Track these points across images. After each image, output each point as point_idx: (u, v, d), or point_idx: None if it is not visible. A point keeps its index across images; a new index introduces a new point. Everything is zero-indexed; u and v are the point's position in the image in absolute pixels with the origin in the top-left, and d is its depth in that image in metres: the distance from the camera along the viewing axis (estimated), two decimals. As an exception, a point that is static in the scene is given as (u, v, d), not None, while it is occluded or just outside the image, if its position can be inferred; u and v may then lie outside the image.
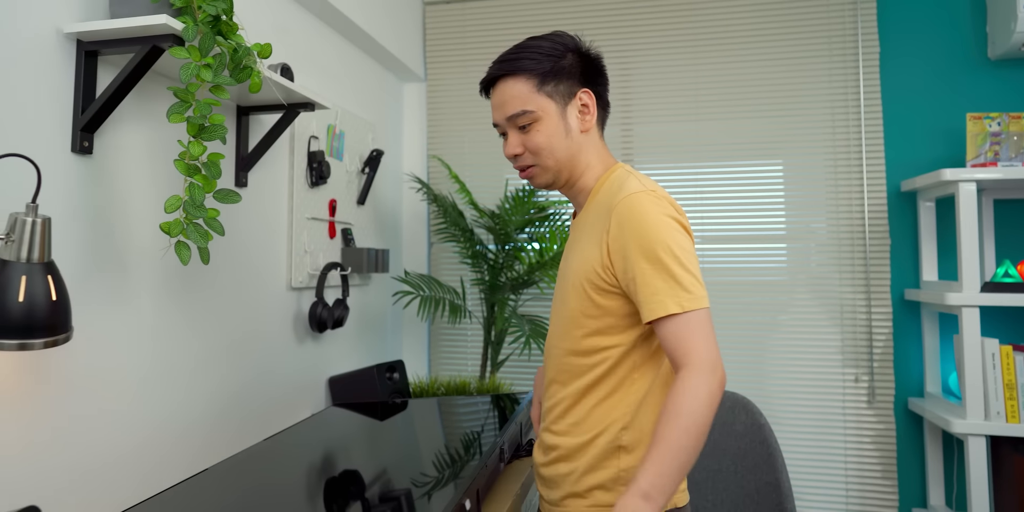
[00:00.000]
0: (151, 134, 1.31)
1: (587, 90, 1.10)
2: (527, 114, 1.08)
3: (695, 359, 0.92)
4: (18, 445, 1.02)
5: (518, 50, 1.10)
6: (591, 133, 1.12)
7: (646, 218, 0.97)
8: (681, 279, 0.94)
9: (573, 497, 1.05)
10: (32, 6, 1.06)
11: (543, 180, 1.13)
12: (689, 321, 0.93)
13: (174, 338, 1.36)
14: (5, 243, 0.85)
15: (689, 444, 0.88)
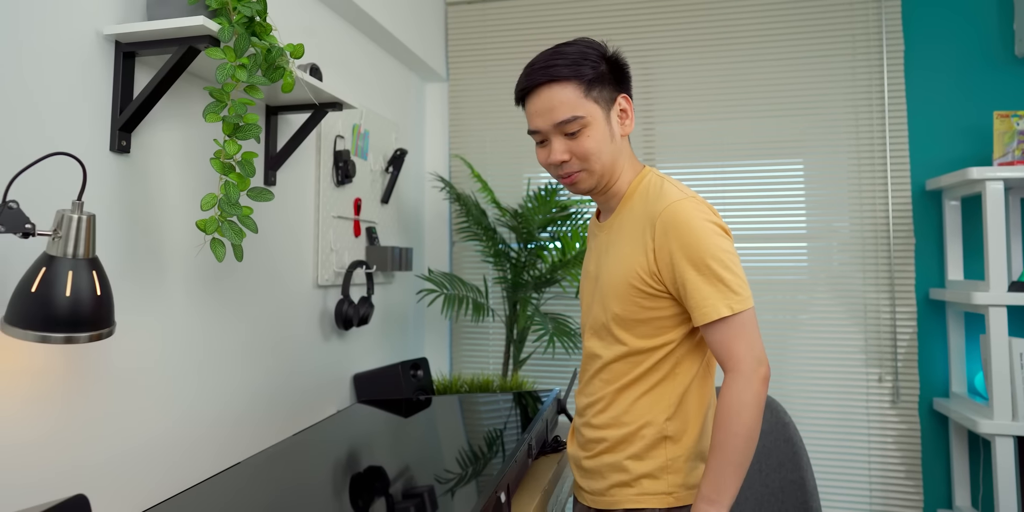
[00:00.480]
0: (184, 133, 1.34)
1: (625, 95, 1.13)
2: (578, 120, 1.07)
3: (740, 364, 0.98)
4: (61, 436, 1.04)
5: (558, 56, 1.09)
6: (626, 138, 1.15)
7: (691, 226, 1.02)
8: (729, 282, 1.00)
9: (620, 486, 1.08)
10: (73, 9, 1.09)
11: (587, 185, 1.13)
12: (734, 323, 0.99)
13: (205, 334, 1.38)
14: (52, 239, 0.87)
15: (740, 445, 0.96)
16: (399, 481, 1.16)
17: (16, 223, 0.83)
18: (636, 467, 1.07)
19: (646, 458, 1.07)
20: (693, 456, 1.07)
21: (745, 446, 0.96)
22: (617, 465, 1.09)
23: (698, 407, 1.08)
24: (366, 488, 1.13)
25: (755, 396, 0.97)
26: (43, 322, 0.85)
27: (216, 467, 1.40)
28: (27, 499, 0.98)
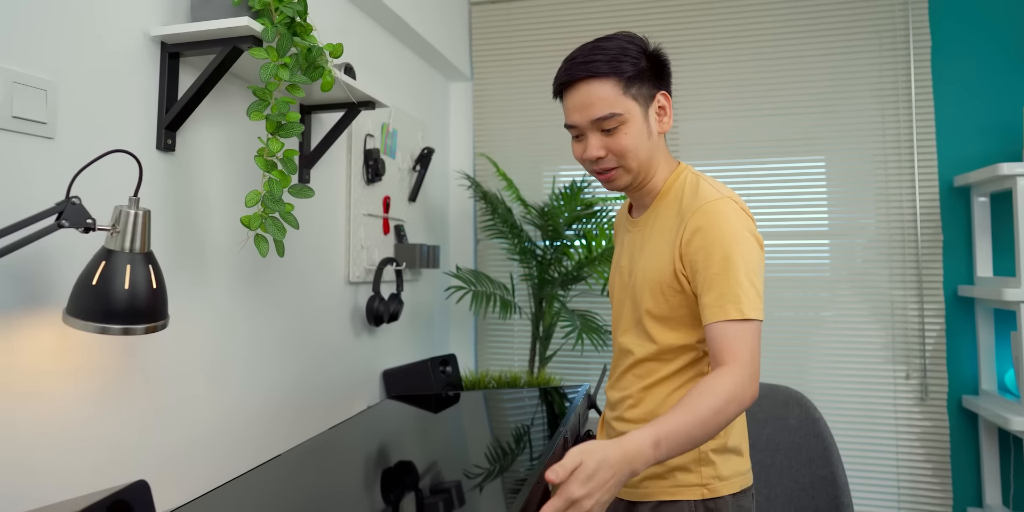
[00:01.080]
0: (223, 132, 1.37)
1: (664, 92, 1.11)
2: (615, 117, 1.06)
3: (745, 361, 0.94)
4: (112, 425, 1.07)
5: (598, 51, 1.08)
6: (662, 135, 1.13)
7: (727, 226, 1.00)
8: (747, 290, 0.97)
9: (654, 478, 1.09)
10: (121, 11, 1.12)
11: (623, 182, 1.13)
12: (747, 327, 0.96)
13: (244, 329, 1.41)
14: (111, 234, 0.90)
15: (710, 424, 0.88)
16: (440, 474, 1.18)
17: (79, 218, 0.86)
18: (670, 460, 1.07)
19: None
20: (725, 449, 1.08)
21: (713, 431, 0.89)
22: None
23: None
24: (408, 482, 1.15)
25: (749, 398, 0.92)
26: (103, 314, 0.88)
27: (256, 459, 1.43)
28: (82, 484, 1.01)
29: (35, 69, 0.96)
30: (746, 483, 1.10)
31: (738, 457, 1.09)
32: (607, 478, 0.78)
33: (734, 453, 1.09)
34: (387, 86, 2.14)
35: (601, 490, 0.78)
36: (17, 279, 0.92)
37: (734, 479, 1.07)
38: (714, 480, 1.07)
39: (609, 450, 0.79)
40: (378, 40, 2.09)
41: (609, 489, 0.78)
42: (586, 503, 0.76)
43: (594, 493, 0.77)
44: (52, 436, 0.97)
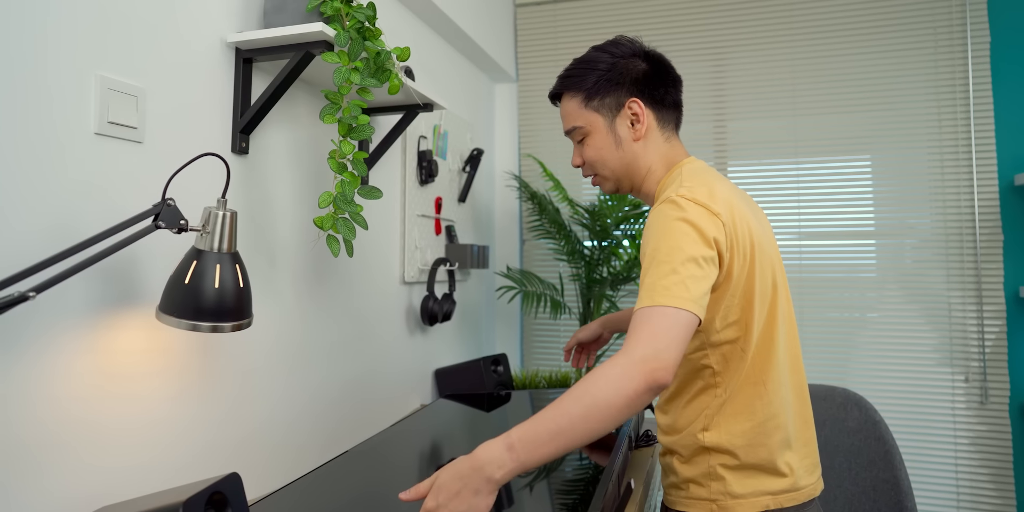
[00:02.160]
0: (291, 135, 1.40)
1: (636, 100, 1.10)
2: (578, 130, 1.14)
3: (636, 343, 0.84)
4: (194, 421, 1.11)
5: (573, 65, 1.14)
6: (649, 139, 1.12)
7: (654, 227, 0.97)
8: (663, 277, 0.90)
9: (675, 488, 1.10)
10: (200, 19, 1.15)
11: (607, 188, 1.18)
12: (647, 314, 0.87)
13: (309, 328, 1.44)
14: (201, 234, 0.93)
15: (577, 418, 0.80)
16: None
17: (173, 220, 0.89)
18: (683, 470, 1.07)
19: (691, 462, 1.07)
20: (738, 466, 1.03)
21: (584, 426, 0.80)
22: (669, 466, 1.11)
23: (743, 420, 1.03)
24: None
25: (624, 379, 0.80)
26: (194, 312, 0.91)
27: (324, 453, 1.45)
28: (167, 478, 1.05)
29: (126, 76, 0.99)
30: (771, 505, 1.02)
31: (767, 476, 1.02)
32: (457, 488, 0.80)
33: (759, 470, 1.02)
34: (438, 88, 2.16)
35: (454, 500, 0.79)
36: (109, 278, 0.95)
37: (754, 499, 1.01)
38: (724, 497, 1.02)
39: (461, 461, 0.82)
40: (429, 42, 2.11)
41: (465, 499, 0.79)
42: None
43: (446, 503, 0.79)
44: (141, 430, 1.00)
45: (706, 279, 0.92)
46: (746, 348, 1.03)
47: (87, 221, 0.92)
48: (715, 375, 1.04)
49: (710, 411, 1.04)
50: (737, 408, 1.03)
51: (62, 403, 0.88)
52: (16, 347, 0.82)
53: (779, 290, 1.07)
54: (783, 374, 1.06)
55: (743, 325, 1.02)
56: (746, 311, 1.02)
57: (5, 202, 0.81)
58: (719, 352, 1.04)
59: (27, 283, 0.81)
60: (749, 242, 1.01)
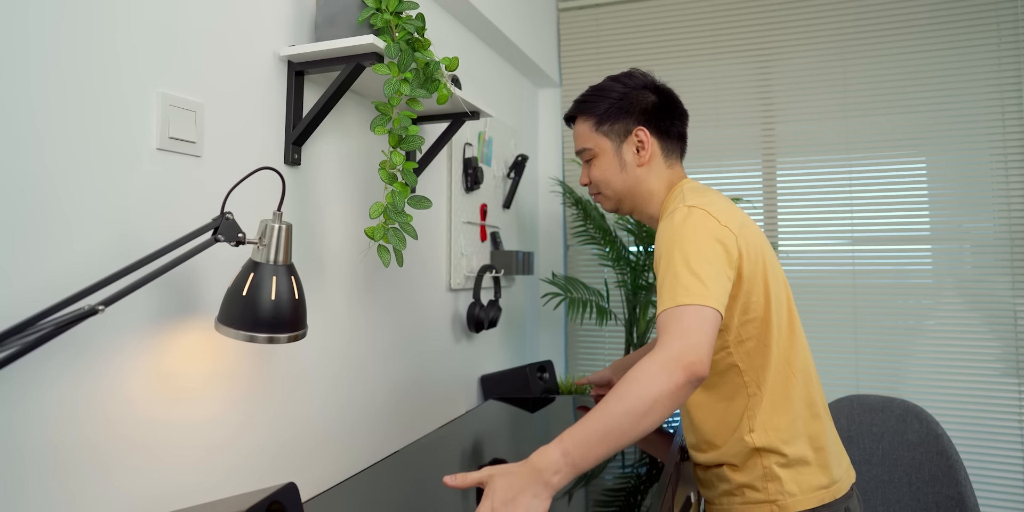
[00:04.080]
0: (341, 146, 1.42)
1: (642, 128, 1.19)
2: (587, 151, 1.23)
3: (665, 343, 0.88)
4: (250, 426, 1.13)
5: (588, 92, 1.25)
6: (653, 166, 1.20)
7: (668, 232, 1.01)
8: (682, 278, 0.94)
9: (728, 495, 1.12)
10: (254, 34, 1.18)
11: (607, 206, 1.27)
12: (674, 314, 0.91)
13: (359, 335, 1.45)
14: (258, 247, 0.95)
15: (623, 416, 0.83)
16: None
17: (231, 233, 0.91)
18: (736, 477, 1.09)
19: (744, 468, 1.09)
20: (788, 463, 1.06)
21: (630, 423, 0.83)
22: (719, 476, 1.12)
23: (784, 414, 1.07)
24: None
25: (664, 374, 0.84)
26: (251, 323, 0.93)
27: (374, 456, 1.47)
28: (225, 483, 1.07)
29: (186, 92, 1.02)
30: (827, 498, 1.07)
31: (813, 471, 1.06)
32: (513, 495, 0.81)
33: (805, 466, 1.06)
34: (483, 94, 2.17)
35: (509, 505, 0.80)
36: (170, 289, 0.98)
37: (810, 494, 1.06)
38: (783, 496, 1.05)
39: (515, 467, 0.83)
40: (473, 49, 2.12)
41: (521, 504, 0.80)
42: None
43: (501, 509, 0.80)
44: (198, 432, 1.03)
45: (722, 277, 0.96)
46: (768, 343, 1.07)
47: (150, 234, 0.95)
48: (742, 373, 1.08)
49: (749, 412, 1.07)
50: (776, 403, 1.07)
51: (127, 407, 0.91)
52: (85, 354, 0.85)
53: (789, 288, 1.16)
54: (808, 366, 1.11)
55: (763, 321, 1.07)
56: (764, 308, 1.07)
57: (74, 217, 0.84)
58: (743, 349, 1.08)
59: (96, 296, 0.84)
60: (757, 244, 1.08)
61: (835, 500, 1.07)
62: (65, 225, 0.83)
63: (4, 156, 0.77)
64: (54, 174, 0.82)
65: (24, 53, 0.79)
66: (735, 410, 1.09)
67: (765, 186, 2.47)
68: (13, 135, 0.78)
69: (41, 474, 0.80)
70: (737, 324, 1.07)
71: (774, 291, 1.08)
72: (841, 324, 2.34)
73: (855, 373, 2.31)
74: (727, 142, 2.52)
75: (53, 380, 0.81)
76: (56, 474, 0.82)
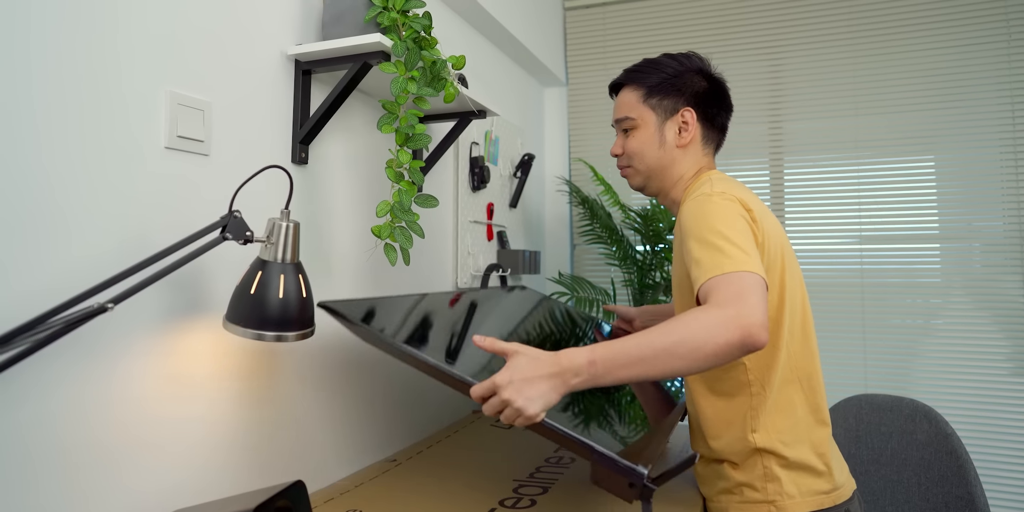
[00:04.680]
0: (348, 144, 1.42)
1: (690, 110, 1.18)
2: (629, 120, 1.20)
3: (722, 301, 0.83)
4: (258, 424, 1.13)
5: (641, 63, 1.23)
6: (691, 150, 1.19)
7: (699, 209, 1.00)
8: (723, 248, 0.90)
9: (726, 493, 1.11)
10: (263, 32, 1.18)
11: (635, 182, 1.24)
12: (723, 280, 0.87)
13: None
14: (265, 245, 0.95)
15: (661, 351, 0.80)
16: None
17: (239, 231, 0.91)
18: (736, 475, 1.09)
19: (743, 467, 1.08)
20: (788, 465, 1.05)
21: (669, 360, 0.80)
22: (718, 473, 1.12)
23: (786, 417, 1.06)
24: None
25: (720, 327, 0.80)
26: (259, 321, 0.93)
27: (380, 454, 1.47)
28: (237, 480, 1.07)
29: (194, 90, 1.02)
30: (827, 503, 1.05)
31: (813, 476, 1.06)
32: (533, 376, 0.80)
33: (805, 470, 1.05)
34: (490, 93, 2.17)
35: (527, 385, 0.80)
36: (178, 287, 0.98)
37: (808, 498, 1.04)
38: (781, 497, 1.04)
39: (542, 354, 0.82)
40: (480, 48, 2.12)
41: (536, 387, 0.80)
42: (507, 390, 0.79)
43: (519, 384, 0.79)
44: (207, 431, 1.03)
45: (753, 244, 0.94)
46: (777, 344, 1.06)
47: (158, 232, 0.95)
48: (747, 372, 1.07)
49: (753, 412, 1.07)
50: (780, 405, 1.06)
51: (135, 406, 0.91)
52: (93, 352, 0.85)
53: (805, 291, 1.14)
54: (816, 373, 1.10)
55: (774, 322, 1.06)
56: (776, 308, 1.05)
57: (84, 215, 0.84)
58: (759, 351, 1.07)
59: (105, 294, 0.84)
60: (778, 240, 1.07)
61: (835, 505, 1.06)
62: (76, 223, 0.83)
63: (13, 155, 0.77)
64: (63, 173, 0.82)
65: (32, 53, 0.80)
66: (738, 408, 1.08)
67: (772, 184, 2.46)
68: (23, 134, 0.78)
69: (51, 472, 0.80)
70: None
71: (789, 291, 1.06)
72: (849, 323, 2.33)
73: (863, 372, 2.30)
74: (735, 140, 2.51)
75: (62, 379, 0.82)
76: (66, 472, 0.82)
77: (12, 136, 0.77)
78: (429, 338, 1.10)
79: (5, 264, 0.76)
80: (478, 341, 0.85)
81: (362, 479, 1.30)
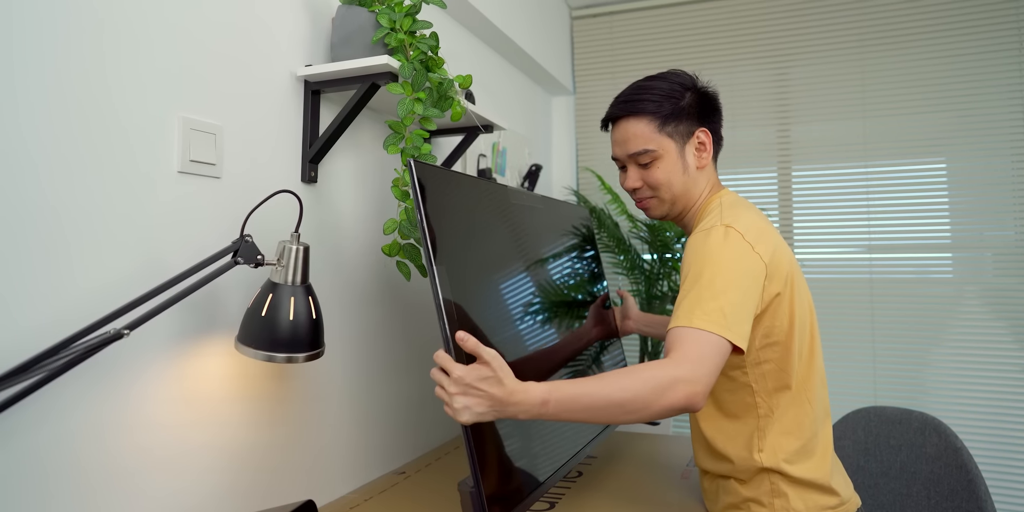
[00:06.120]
0: (355, 162, 1.44)
1: (704, 129, 1.17)
2: (649, 153, 1.15)
3: (687, 358, 0.89)
4: (268, 441, 1.15)
5: (639, 91, 1.17)
6: (707, 168, 1.18)
7: (704, 248, 1.01)
8: (705, 301, 0.95)
9: (732, 508, 1.11)
10: (273, 55, 1.20)
11: (659, 212, 1.21)
12: (693, 334, 0.92)
13: (375, 349, 1.47)
14: (276, 268, 0.97)
15: (614, 405, 0.85)
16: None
17: (251, 255, 0.93)
18: (743, 491, 1.09)
19: (750, 483, 1.08)
20: (798, 482, 1.06)
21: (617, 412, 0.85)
22: (724, 488, 1.12)
23: (794, 440, 1.07)
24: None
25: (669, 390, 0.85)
26: (270, 343, 0.95)
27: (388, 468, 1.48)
28: (240, 496, 1.09)
29: (205, 114, 1.04)
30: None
31: (820, 492, 1.06)
32: (482, 388, 0.82)
33: (812, 488, 1.06)
34: (496, 105, 2.18)
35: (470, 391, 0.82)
36: (191, 310, 1.00)
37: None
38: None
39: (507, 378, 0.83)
40: (487, 60, 2.13)
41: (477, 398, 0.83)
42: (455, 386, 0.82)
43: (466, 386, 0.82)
44: (220, 452, 1.05)
45: (747, 306, 0.97)
46: (786, 368, 1.06)
47: (172, 255, 0.97)
48: (754, 394, 1.08)
49: (760, 432, 1.07)
50: (787, 427, 1.07)
51: (150, 428, 0.93)
52: (109, 375, 0.87)
53: (814, 311, 1.14)
54: (822, 392, 1.11)
55: (784, 347, 1.06)
56: (787, 334, 1.06)
57: (102, 241, 0.86)
58: (758, 371, 1.07)
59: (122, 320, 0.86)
60: (787, 270, 1.06)
61: None
62: (93, 249, 0.85)
63: (30, 182, 0.79)
64: (78, 198, 0.84)
65: (48, 81, 0.82)
66: (744, 428, 1.09)
67: (780, 192, 2.46)
68: (39, 163, 0.80)
69: (67, 494, 0.82)
70: (757, 347, 1.06)
71: (799, 317, 1.07)
72: (858, 334, 2.32)
73: (872, 384, 2.29)
74: (742, 148, 2.51)
75: (78, 402, 0.84)
76: (82, 493, 0.84)
77: (30, 164, 0.79)
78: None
79: (26, 290, 0.78)
80: (460, 338, 0.85)
81: (371, 492, 1.31)
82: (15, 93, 0.78)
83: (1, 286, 0.75)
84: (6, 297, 0.76)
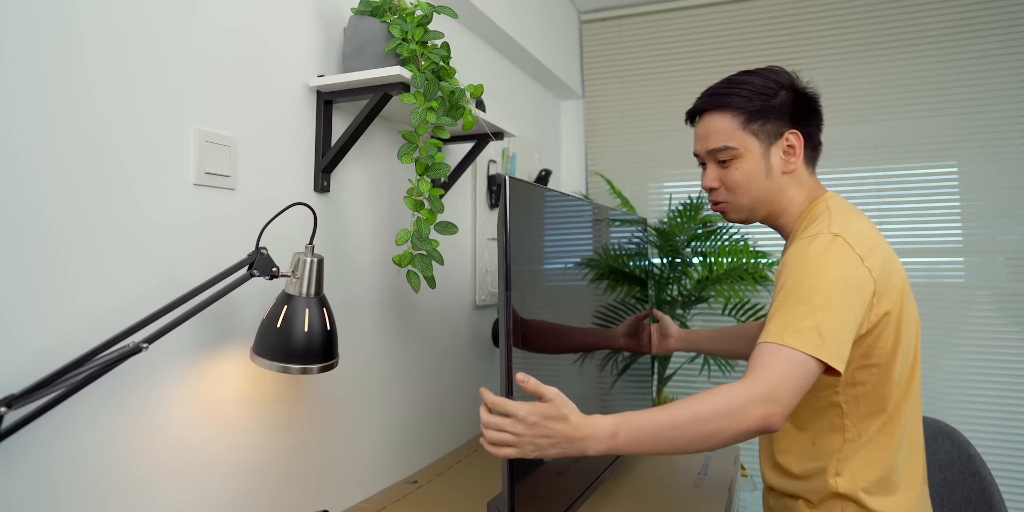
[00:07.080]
0: (368, 172, 1.44)
1: (795, 131, 1.07)
2: (728, 150, 1.08)
3: (764, 380, 0.85)
4: (283, 448, 1.16)
5: (729, 85, 1.10)
6: (797, 172, 1.09)
7: (801, 259, 0.94)
8: (800, 318, 0.88)
9: None
10: (284, 66, 1.21)
11: (735, 217, 1.14)
12: (776, 351, 0.87)
13: (387, 356, 1.48)
14: (290, 280, 0.98)
15: (685, 435, 0.83)
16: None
17: (266, 267, 0.94)
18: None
19: (820, 507, 1.02)
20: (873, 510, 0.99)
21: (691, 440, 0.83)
22: (792, 507, 1.06)
23: (877, 470, 0.99)
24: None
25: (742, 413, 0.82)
26: (285, 355, 0.95)
27: (401, 476, 1.49)
28: (256, 501, 1.10)
29: (220, 127, 1.05)
30: None
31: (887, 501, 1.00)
32: (553, 427, 0.81)
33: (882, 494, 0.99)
34: (506, 111, 2.18)
35: (542, 432, 0.81)
36: (207, 322, 1.01)
37: None
38: None
39: (574, 415, 0.82)
40: (497, 66, 2.14)
41: (550, 440, 0.81)
42: (521, 426, 0.81)
43: (538, 427, 0.81)
44: (237, 462, 1.06)
45: (847, 326, 0.90)
46: (883, 393, 0.99)
47: (189, 267, 0.98)
48: (843, 416, 1.01)
49: (842, 455, 1.01)
50: (872, 454, 1.00)
51: (167, 438, 0.94)
52: (126, 385, 0.88)
53: (919, 332, 1.05)
54: (916, 421, 1.03)
55: (884, 369, 0.98)
56: (890, 356, 0.98)
57: (119, 254, 0.87)
58: (852, 393, 1.00)
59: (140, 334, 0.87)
60: (900, 287, 0.99)
61: None
62: (112, 263, 0.86)
63: (47, 196, 0.80)
64: (94, 212, 0.85)
65: (66, 98, 0.82)
66: (825, 449, 1.02)
67: (791, 198, 2.45)
68: (58, 177, 0.81)
69: (83, 503, 0.83)
70: (853, 367, 0.98)
71: (904, 338, 0.99)
72: (870, 337, 2.31)
73: (884, 388, 2.28)
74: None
75: (97, 412, 0.85)
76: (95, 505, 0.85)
77: (54, 178, 0.80)
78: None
79: (48, 306, 0.79)
80: (520, 380, 0.83)
81: (384, 502, 1.32)
82: (36, 108, 0.79)
83: (20, 302, 0.76)
84: (26, 313, 0.77)
